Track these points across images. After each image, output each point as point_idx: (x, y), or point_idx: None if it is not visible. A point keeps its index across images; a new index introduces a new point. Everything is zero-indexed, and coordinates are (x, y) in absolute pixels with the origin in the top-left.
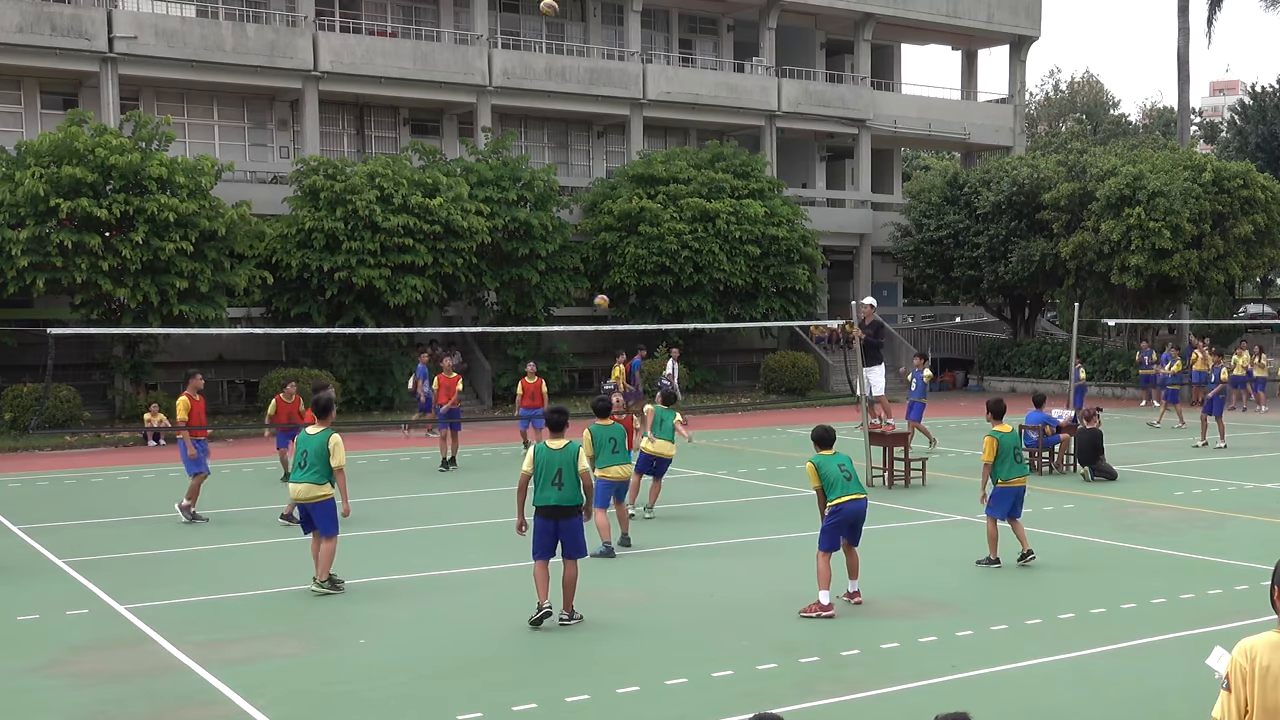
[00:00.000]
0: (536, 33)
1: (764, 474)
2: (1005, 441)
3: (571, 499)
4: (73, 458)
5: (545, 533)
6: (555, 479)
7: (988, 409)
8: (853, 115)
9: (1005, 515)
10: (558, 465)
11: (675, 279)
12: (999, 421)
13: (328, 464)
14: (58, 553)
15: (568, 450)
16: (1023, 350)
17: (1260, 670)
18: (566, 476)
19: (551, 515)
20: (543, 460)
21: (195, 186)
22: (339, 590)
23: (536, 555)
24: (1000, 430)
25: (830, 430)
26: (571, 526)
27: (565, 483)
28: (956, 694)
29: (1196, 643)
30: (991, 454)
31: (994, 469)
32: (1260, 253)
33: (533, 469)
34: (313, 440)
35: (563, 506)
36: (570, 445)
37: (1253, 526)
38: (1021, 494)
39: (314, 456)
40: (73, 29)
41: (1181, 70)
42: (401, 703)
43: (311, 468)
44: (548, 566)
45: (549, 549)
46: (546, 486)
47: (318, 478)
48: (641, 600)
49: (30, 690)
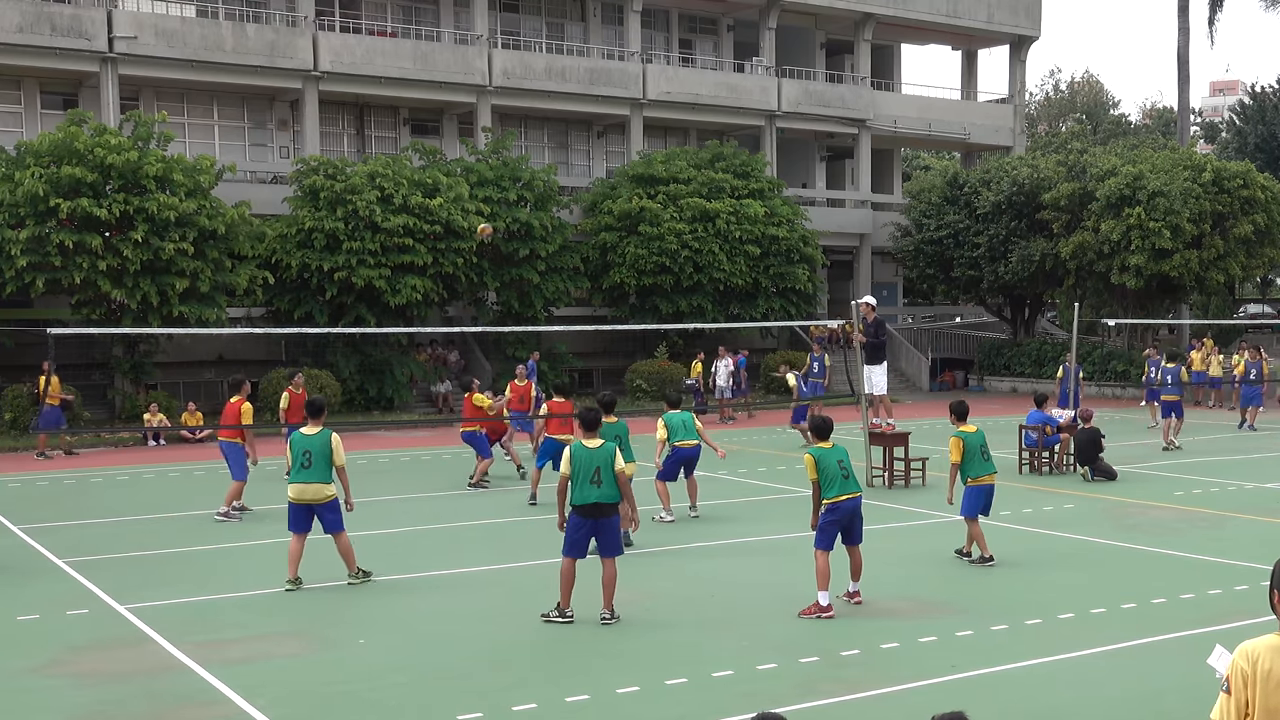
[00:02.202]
0: (536, 33)
1: (764, 474)
2: (971, 440)
3: (610, 497)
4: (73, 458)
5: (581, 531)
6: (594, 477)
7: (950, 410)
8: (853, 115)
9: (979, 513)
10: (595, 464)
11: (675, 279)
12: (962, 422)
13: (330, 463)
14: (58, 553)
15: (604, 449)
16: (1023, 350)
17: (1262, 673)
18: (605, 475)
19: (590, 514)
20: (580, 459)
21: (194, 185)
22: (370, 578)
23: (567, 552)
24: (965, 430)
25: (829, 420)
26: (609, 525)
27: (604, 481)
28: (956, 694)
29: (1196, 643)
30: (958, 454)
31: (963, 468)
32: (1260, 253)
33: (570, 469)
34: (314, 440)
35: (602, 504)
36: (606, 444)
37: (1253, 526)
38: (991, 491)
39: (317, 457)
40: (73, 29)
41: (1181, 70)
42: (401, 703)
43: (316, 468)
44: (576, 565)
45: (582, 547)
46: (585, 485)
47: (324, 477)
48: (641, 600)
49: (30, 690)
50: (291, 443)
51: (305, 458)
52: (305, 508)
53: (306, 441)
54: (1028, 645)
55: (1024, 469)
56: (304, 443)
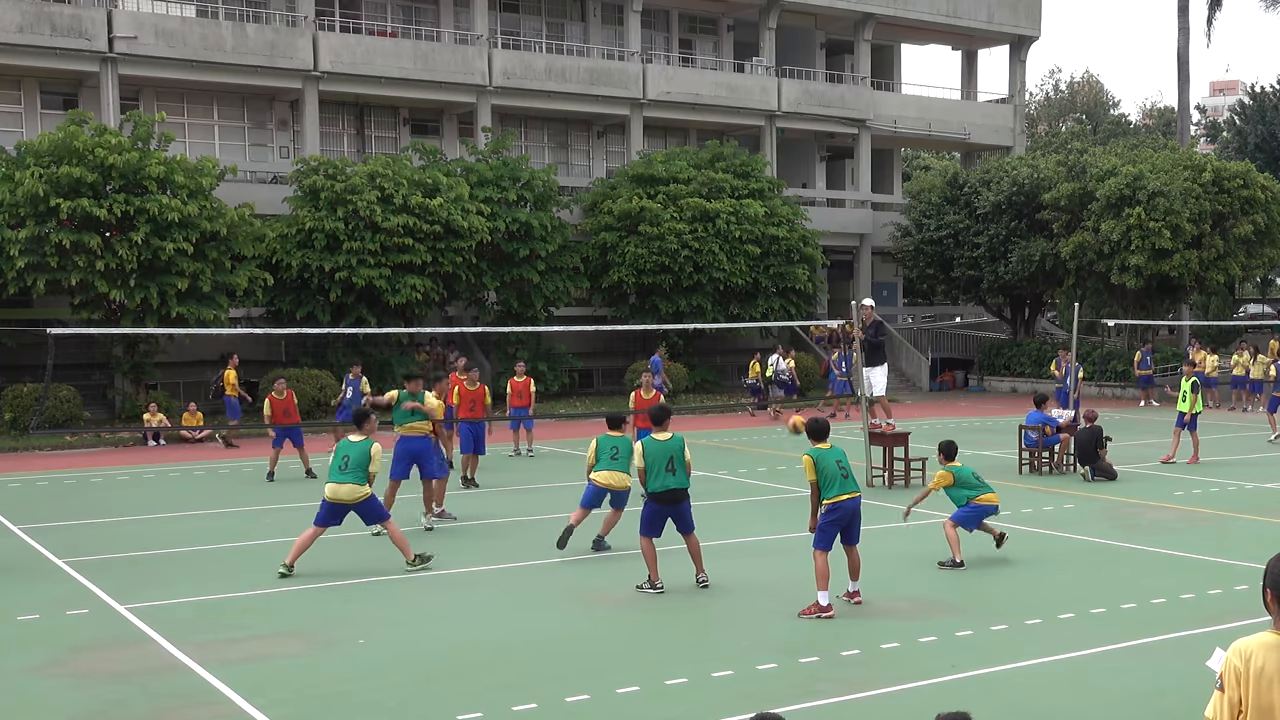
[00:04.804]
0: (536, 33)
1: (764, 474)
2: (961, 472)
3: (683, 483)
4: (73, 458)
5: (658, 515)
6: (668, 465)
7: (939, 450)
8: (853, 115)
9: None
10: (669, 454)
11: (675, 279)
12: (950, 460)
13: (366, 469)
14: (58, 553)
15: (674, 441)
16: (1023, 350)
17: (1255, 671)
18: (678, 464)
19: (669, 500)
20: (653, 452)
21: (196, 187)
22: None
23: (645, 532)
24: (953, 466)
25: (825, 422)
26: (683, 508)
27: (677, 469)
28: (956, 694)
29: (1196, 643)
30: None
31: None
32: (1260, 253)
33: (645, 461)
34: (355, 447)
35: (677, 490)
36: (675, 437)
37: (1253, 526)
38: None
39: (354, 462)
40: (73, 29)
41: (1181, 70)
42: (401, 703)
43: (352, 471)
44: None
45: (659, 528)
46: (661, 474)
47: (360, 479)
48: (641, 600)
49: (30, 690)
50: (337, 447)
51: (344, 461)
52: (337, 507)
53: (349, 447)
54: (1028, 645)
55: (1024, 469)
56: (347, 448)
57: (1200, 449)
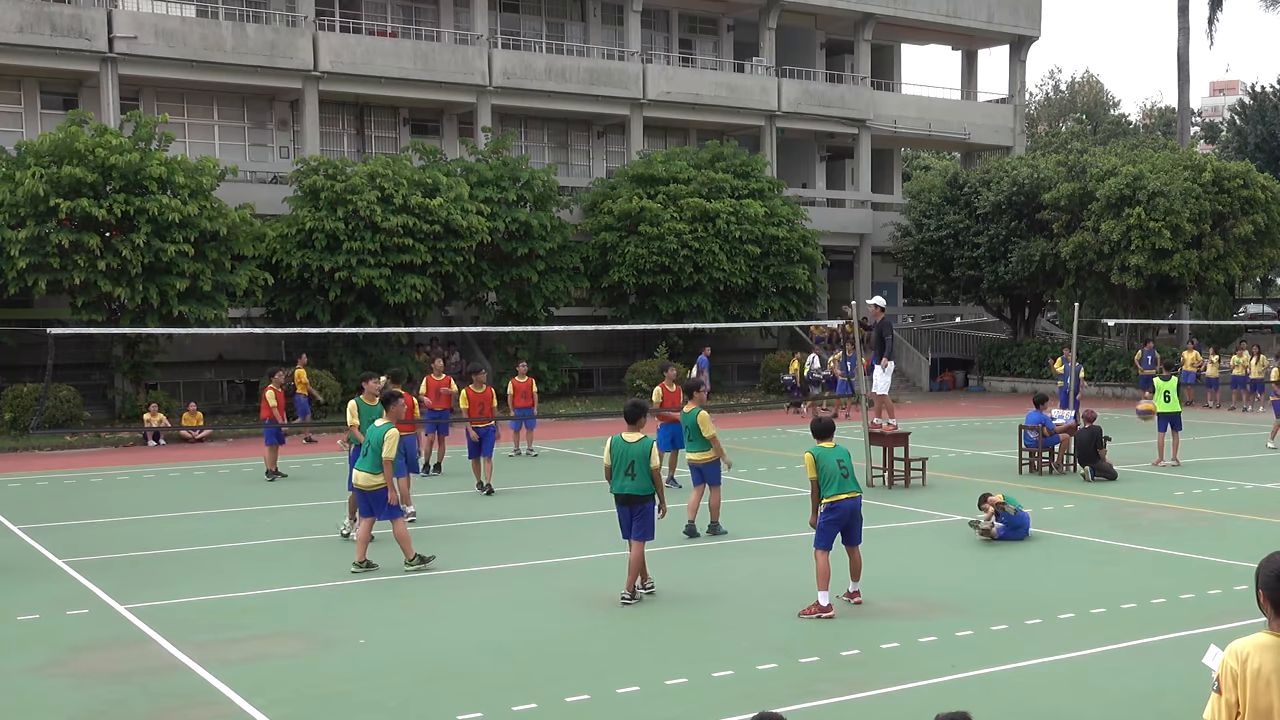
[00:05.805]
0: (536, 33)
1: (764, 474)
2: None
3: (641, 489)
4: (73, 458)
5: (620, 517)
6: (628, 469)
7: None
8: (853, 115)
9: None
10: (631, 458)
11: (675, 279)
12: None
13: (380, 455)
14: (58, 553)
15: (641, 444)
16: (1023, 350)
17: (1251, 672)
18: (639, 468)
19: (623, 503)
20: (618, 452)
21: (196, 187)
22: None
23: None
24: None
25: (830, 421)
26: (639, 512)
27: (637, 473)
28: (956, 694)
29: (1196, 643)
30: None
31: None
32: (1260, 253)
33: (609, 460)
34: (375, 433)
35: (632, 495)
36: (644, 439)
37: (1253, 526)
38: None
39: (372, 448)
40: (73, 29)
41: (1181, 70)
42: (401, 703)
43: (369, 458)
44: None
45: (626, 531)
46: (619, 477)
47: (373, 468)
48: (642, 600)
49: (30, 690)
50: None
51: (366, 447)
52: (360, 495)
53: (373, 432)
54: (1028, 645)
55: (1024, 469)
56: (371, 433)
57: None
